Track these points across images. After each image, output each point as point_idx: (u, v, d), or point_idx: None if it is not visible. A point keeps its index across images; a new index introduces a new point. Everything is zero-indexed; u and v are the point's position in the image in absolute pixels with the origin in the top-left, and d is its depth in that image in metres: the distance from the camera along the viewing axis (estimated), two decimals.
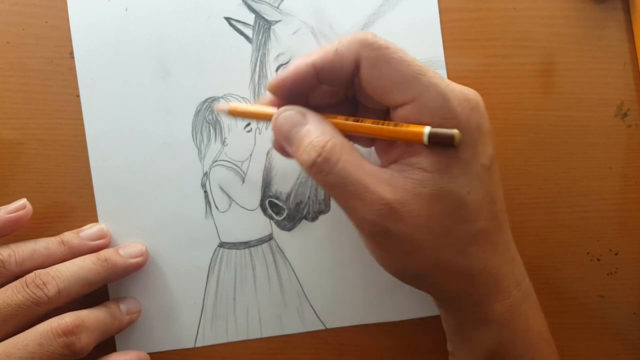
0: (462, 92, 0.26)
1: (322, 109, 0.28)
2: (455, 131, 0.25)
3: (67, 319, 0.29)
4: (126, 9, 0.34)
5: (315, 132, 0.26)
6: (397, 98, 0.26)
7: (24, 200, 0.32)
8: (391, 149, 0.28)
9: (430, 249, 0.26)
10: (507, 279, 0.27)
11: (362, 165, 0.26)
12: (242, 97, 0.34)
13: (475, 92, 0.27)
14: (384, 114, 0.29)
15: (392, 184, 0.25)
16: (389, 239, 0.26)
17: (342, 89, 0.29)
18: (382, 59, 0.26)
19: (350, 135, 0.28)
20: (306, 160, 0.26)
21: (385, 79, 0.26)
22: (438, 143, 0.25)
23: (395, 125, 0.26)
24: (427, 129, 0.25)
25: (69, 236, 0.32)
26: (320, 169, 0.26)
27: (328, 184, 0.26)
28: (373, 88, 0.27)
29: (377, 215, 0.25)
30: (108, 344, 0.32)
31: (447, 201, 0.26)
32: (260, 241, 0.35)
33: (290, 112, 0.27)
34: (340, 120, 0.28)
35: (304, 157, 0.26)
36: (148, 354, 0.33)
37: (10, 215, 0.31)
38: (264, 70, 0.34)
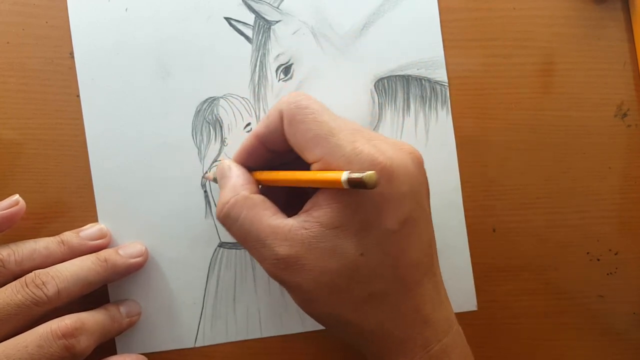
0: (370, 158, 0.26)
1: (286, 166, 0.30)
2: (365, 174, 0.24)
3: (67, 321, 0.29)
4: (126, 9, 0.34)
5: (228, 186, 0.29)
6: (308, 156, 0.27)
7: (16, 197, 0.32)
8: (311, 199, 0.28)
9: (323, 302, 0.27)
10: (411, 341, 0.27)
11: (262, 220, 0.27)
12: (242, 97, 0.34)
13: (396, 157, 0.26)
14: None
15: (290, 237, 0.27)
16: (287, 288, 0.28)
17: (291, 151, 0.29)
18: (297, 117, 0.27)
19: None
20: (216, 213, 0.29)
21: (299, 137, 0.27)
22: (354, 186, 0.24)
23: (308, 173, 0.27)
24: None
25: (69, 236, 0.32)
26: (223, 223, 0.29)
27: (233, 235, 0.29)
28: (292, 144, 0.28)
29: (272, 267, 0.27)
30: (108, 344, 0.32)
31: (340, 259, 0.26)
32: None
33: (221, 165, 0.31)
34: (261, 172, 0.30)
35: (216, 210, 0.29)
36: (148, 353, 0.33)
37: (2, 212, 0.31)
38: (263, 70, 0.34)
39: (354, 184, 0.24)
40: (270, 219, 0.27)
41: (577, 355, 0.35)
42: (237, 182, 0.29)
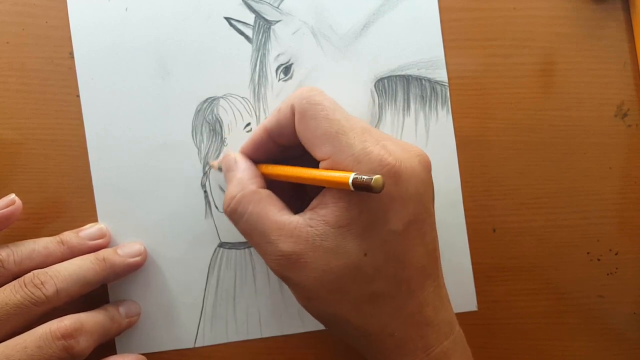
0: (379, 158, 0.26)
1: (293, 161, 0.30)
2: (373, 178, 0.24)
3: (66, 322, 0.28)
4: (126, 9, 0.34)
5: (235, 181, 0.29)
6: (317, 153, 0.27)
7: (12, 196, 0.31)
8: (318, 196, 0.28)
9: (325, 301, 0.27)
10: (412, 343, 0.27)
11: (268, 216, 0.27)
12: (242, 97, 0.34)
13: (404, 159, 0.27)
14: None
15: (295, 234, 0.27)
16: (289, 285, 0.28)
17: (299, 146, 0.29)
18: (309, 113, 0.27)
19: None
20: (223, 207, 0.30)
21: (310, 133, 0.27)
22: (360, 188, 0.25)
23: (315, 171, 0.27)
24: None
25: (68, 236, 0.32)
26: (231, 218, 0.29)
27: (240, 230, 0.29)
28: (302, 139, 0.28)
29: (275, 263, 0.27)
30: (108, 344, 0.32)
31: (344, 259, 0.26)
32: None
33: (226, 158, 0.31)
34: (268, 166, 0.30)
35: (223, 204, 0.29)
36: (148, 354, 0.33)
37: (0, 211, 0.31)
38: (264, 70, 0.34)
39: (361, 186, 0.24)
40: (277, 215, 0.27)
41: (577, 355, 0.35)
42: (244, 175, 0.29)
